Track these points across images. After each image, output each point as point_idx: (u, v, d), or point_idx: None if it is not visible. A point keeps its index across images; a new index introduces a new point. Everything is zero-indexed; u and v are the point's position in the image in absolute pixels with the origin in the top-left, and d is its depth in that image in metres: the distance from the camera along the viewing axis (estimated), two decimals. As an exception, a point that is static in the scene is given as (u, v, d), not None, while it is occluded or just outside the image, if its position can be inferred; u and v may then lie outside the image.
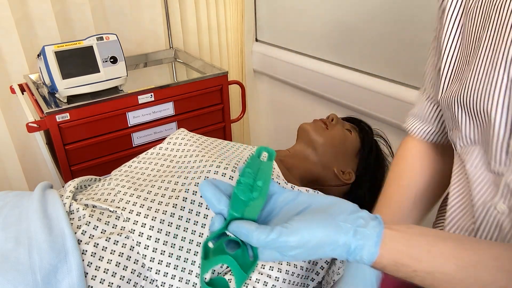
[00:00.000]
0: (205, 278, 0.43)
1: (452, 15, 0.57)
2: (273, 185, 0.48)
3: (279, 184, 0.82)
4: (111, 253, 0.70)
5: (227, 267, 0.76)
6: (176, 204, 0.75)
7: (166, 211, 0.74)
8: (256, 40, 1.89)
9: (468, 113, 0.55)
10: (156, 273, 0.71)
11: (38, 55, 1.23)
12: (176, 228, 0.74)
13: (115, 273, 0.69)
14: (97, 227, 0.72)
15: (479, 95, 0.52)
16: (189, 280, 0.72)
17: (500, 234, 0.53)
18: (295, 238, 0.41)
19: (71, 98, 1.24)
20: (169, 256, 0.72)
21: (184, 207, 0.76)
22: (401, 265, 0.43)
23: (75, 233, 0.71)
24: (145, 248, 0.71)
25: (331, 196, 0.47)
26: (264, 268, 0.70)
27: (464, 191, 0.59)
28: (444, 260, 0.42)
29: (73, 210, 0.76)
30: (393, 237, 0.43)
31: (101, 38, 1.26)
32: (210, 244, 0.45)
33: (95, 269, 0.68)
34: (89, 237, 0.71)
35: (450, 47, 0.59)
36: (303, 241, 0.41)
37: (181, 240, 0.73)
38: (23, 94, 1.31)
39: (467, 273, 0.41)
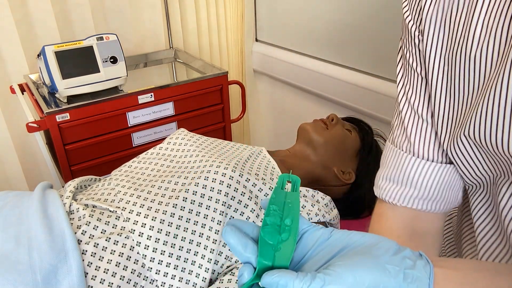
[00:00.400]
0: None
1: (435, 49, 0.52)
2: (302, 222, 0.43)
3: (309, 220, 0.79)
4: (111, 253, 0.70)
5: (227, 266, 0.76)
6: (176, 204, 0.75)
7: (166, 211, 0.74)
8: (256, 40, 1.89)
9: (488, 153, 0.49)
10: (156, 273, 0.71)
11: (38, 55, 1.23)
12: (176, 228, 0.74)
13: (115, 273, 0.69)
14: (97, 227, 0.72)
15: (499, 135, 0.46)
16: (189, 280, 0.72)
17: None
18: (341, 287, 0.37)
19: (71, 98, 1.24)
20: (169, 256, 0.72)
21: (184, 207, 0.76)
22: None
23: (75, 233, 0.71)
24: (145, 248, 0.71)
25: (368, 233, 0.42)
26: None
27: (496, 227, 0.54)
28: None
29: (73, 210, 0.76)
30: (446, 276, 0.39)
31: (101, 38, 1.26)
32: None
33: (95, 269, 0.68)
34: (89, 237, 0.71)
35: (440, 82, 0.52)
36: None
37: (181, 240, 0.73)
38: (23, 94, 1.31)
39: None
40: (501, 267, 0.42)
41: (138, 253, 0.72)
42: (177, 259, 0.72)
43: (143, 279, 0.71)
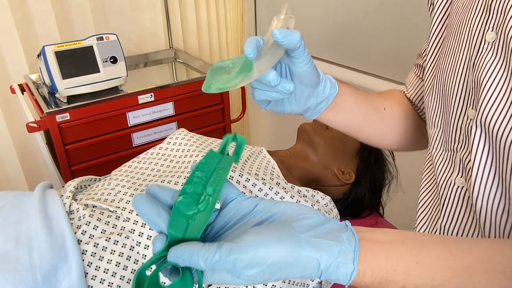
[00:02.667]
0: None
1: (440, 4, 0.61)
2: (230, 190, 0.41)
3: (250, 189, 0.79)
4: (111, 253, 0.70)
5: None
6: (176, 204, 0.75)
7: (166, 211, 0.74)
8: (256, 40, 1.89)
9: (436, 95, 0.59)
10: (156, 273, 0.71)
11: (38, 55, 1.23)
12: (176, 228, 0.74)
13: (115, 273, 0.69)
14: (97, 227, 0.72)
15: (444, 75, 0.56)
16: (189, 280, 0.72)
17: (465, 208, 0.54)
18: (248, 256, 0.35)
19: (71, 98, 1.24)
20: (169, 256, 0.72)
21: (184, 207, 0.75)
22: (387, 282, 0.38)
23: (75, 233, 0.71)
24: (145, 248, 0.71)
25: (296, 204, 0.41)
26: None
27: (431, 174, 0.62)
28: (433, 271, 0.38)
29: (73, 210, 0.76)
30: (372, 249, 0.38)
31: (101, 38, 1.26)
32: (148, 272, 0.37)
33: (95, 269, 0.68)
34: (89, 237, 0.71)
35: (436, 34, 0.63)
36: (258, 259, 0.35)
37: (181, 240, 0.73)
38: (23, 94, 1.31)
39: (459, 282, 0.37)
40: (430, 238, 0.42)
41: (138, 253, 0.72)
42: (177, 259, 0.72)
43: (143, 279, 0.71)
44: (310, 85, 0.54)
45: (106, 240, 0.70)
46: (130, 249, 0.71)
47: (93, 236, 0.71)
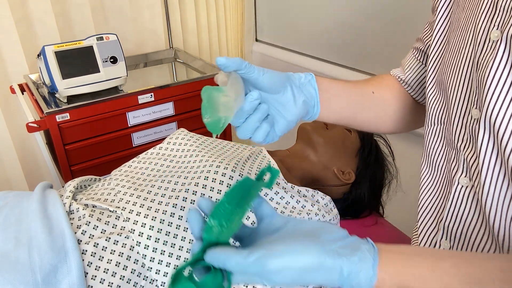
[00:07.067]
0: None
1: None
2: (266, 207, 0.46)
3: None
4: (111, 253, 0.70)
5: None
6: (176, 204, 0.75)
7: (166, 211, 0.74)
8: (256, 40, 1.89)
9: (439, 92, 0.59)
10: (156, 273, 0.71)
11: (38, 55, 1.23)
12: (176, 228, 0.74)
13: (115, 273, 0.69)
14: (97, 227, 0.72)
15: (448, 72, 0.56)
16: (189, 280, 0.72)
17: (469, 208, 0.54)
18: (276, 261, 0.38)
19: (71, 98, 1.24)
20: (169, 256, 0.72)
21: (184, 207, 0.76)
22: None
23: (75, 233, 0.71)
24: (145, 248, 0.71)
25: (323, 222, 0.45)
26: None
27: (431, 172, 0.62)
28: (449, 279, 0.40)
29: (73, 210, 0.76)
30: (391, 258, 0.41)
31: (101, 38, 1.26)
32: (186, 272, 0.42)
33: (95, 269, 0.68)
34: (89, 237, 0.71)
35: (440, 28, 0.61)
36: (285, 264, 0.38)
37: (181, 240, 0.73)
38: (23, 94, 1.31)
39: None
40: (444, 252, 0.44)
41: (138, 253, 0.72)
42: (177, 259, 0.72)
43: (143, 279, 0.71)
44: (274, 89, 0.57)
45: (106, 240, 0.70)
46: (130, 249, 0.71)
47: (93, 236, 0.71)
